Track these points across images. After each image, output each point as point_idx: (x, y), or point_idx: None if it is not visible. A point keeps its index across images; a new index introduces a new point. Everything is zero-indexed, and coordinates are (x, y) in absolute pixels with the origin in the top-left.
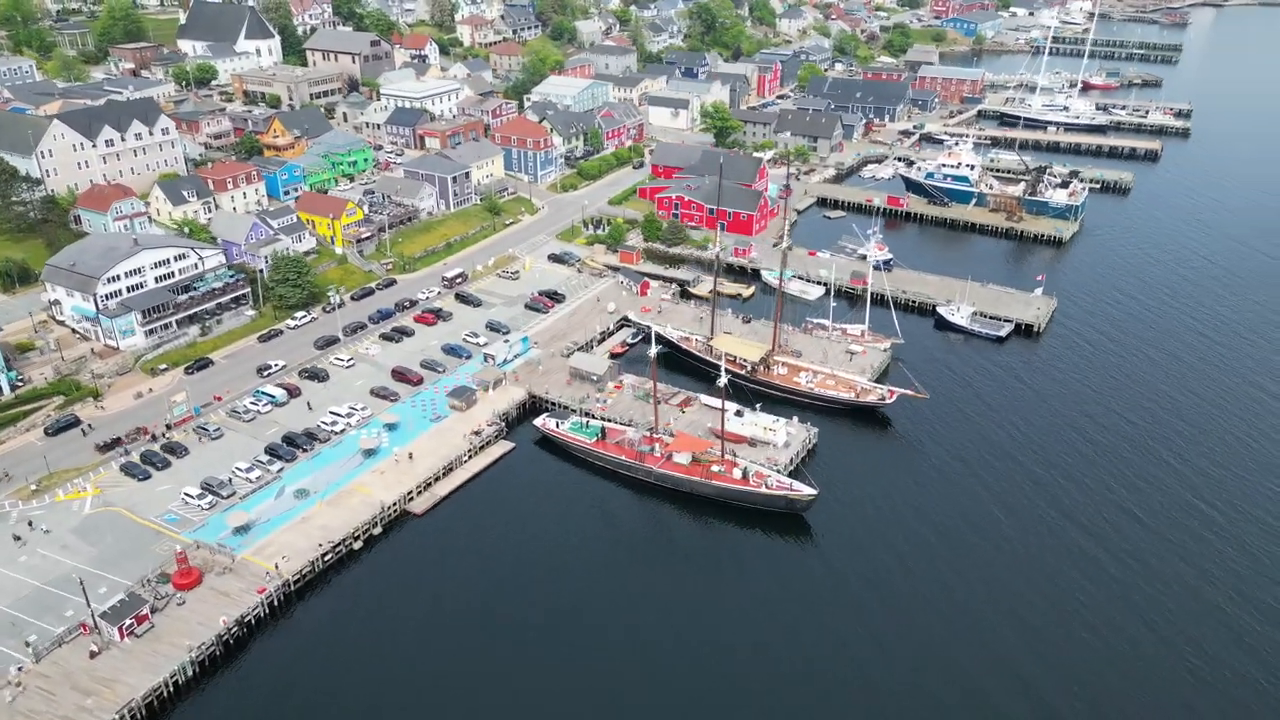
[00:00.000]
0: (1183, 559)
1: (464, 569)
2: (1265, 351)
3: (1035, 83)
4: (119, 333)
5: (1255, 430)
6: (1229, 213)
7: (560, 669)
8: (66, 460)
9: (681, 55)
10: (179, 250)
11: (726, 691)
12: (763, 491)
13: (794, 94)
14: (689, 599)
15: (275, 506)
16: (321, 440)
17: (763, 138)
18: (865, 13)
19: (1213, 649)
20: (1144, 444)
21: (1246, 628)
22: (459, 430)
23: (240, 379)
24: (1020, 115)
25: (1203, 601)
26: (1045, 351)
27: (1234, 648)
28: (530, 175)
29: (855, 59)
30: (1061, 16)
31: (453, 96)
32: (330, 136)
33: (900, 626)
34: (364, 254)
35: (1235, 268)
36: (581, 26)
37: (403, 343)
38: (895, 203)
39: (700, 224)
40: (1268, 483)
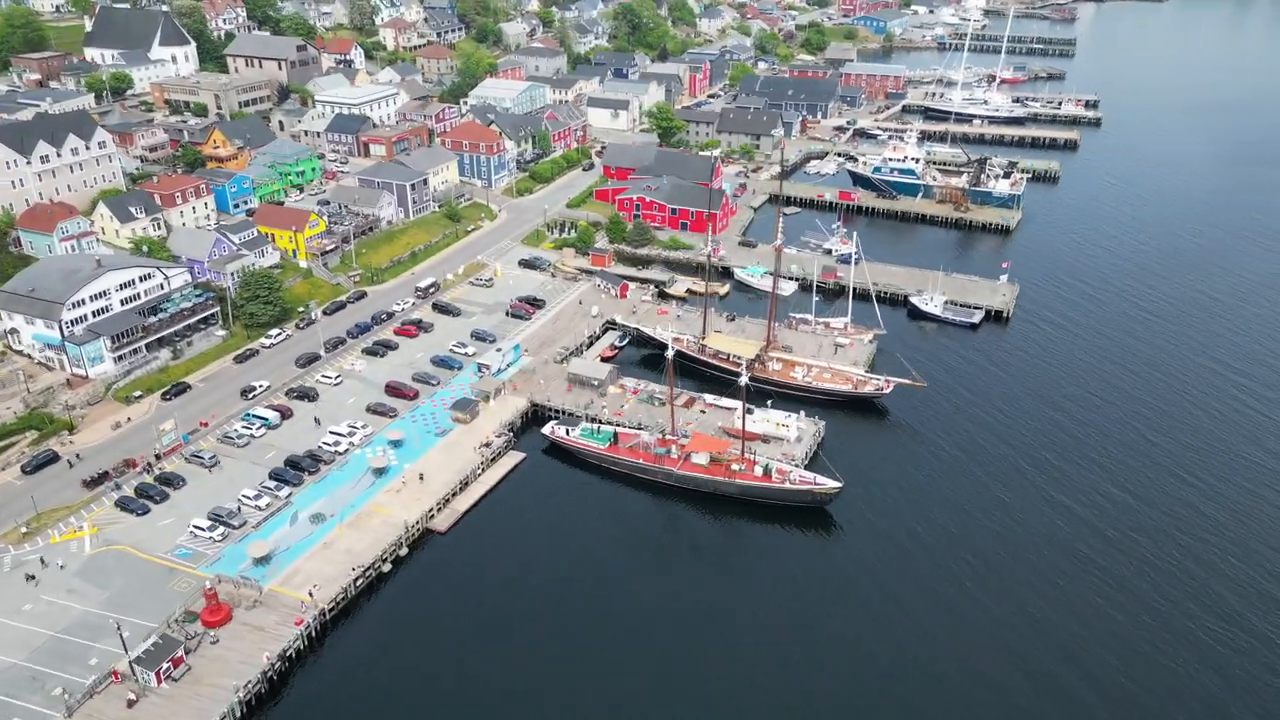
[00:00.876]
0: (1178, 528)
1: (498, 584)
2: (1209, 328)
3: (950, 78)
4: (88, 360)
5: (1216, 402)
6: (1150, 197)
7: (616, 676)
8: (52, 499)
9: (610, 56)
10: (144, 270)
11: (782, 684)
12: (788, 487)
13: (724, 93)
14: (726, 597)
15: (292, 533)
16: (326, 462)
17: (706, 137)
18: (778, 11)
19: (1217, 608)
20: (1120, 421)
21: (1247, 582)
22: (467, 443)
23: (223, 403)
24: (944, 110)
25: (1205, 565)
26: (1016, 336)
27: (1239, 603)
28: (484, 180)
29: (777, 57)
30: (960, 15)
31: (391, 102)
32: (275, 146)
33: (939, 611)
34: (329, 267)
35: (1166, 250)
36: (507, 29)
37: (387, 357)
38: (847, 197)
39: (663, 224)
40: (1241, 450)
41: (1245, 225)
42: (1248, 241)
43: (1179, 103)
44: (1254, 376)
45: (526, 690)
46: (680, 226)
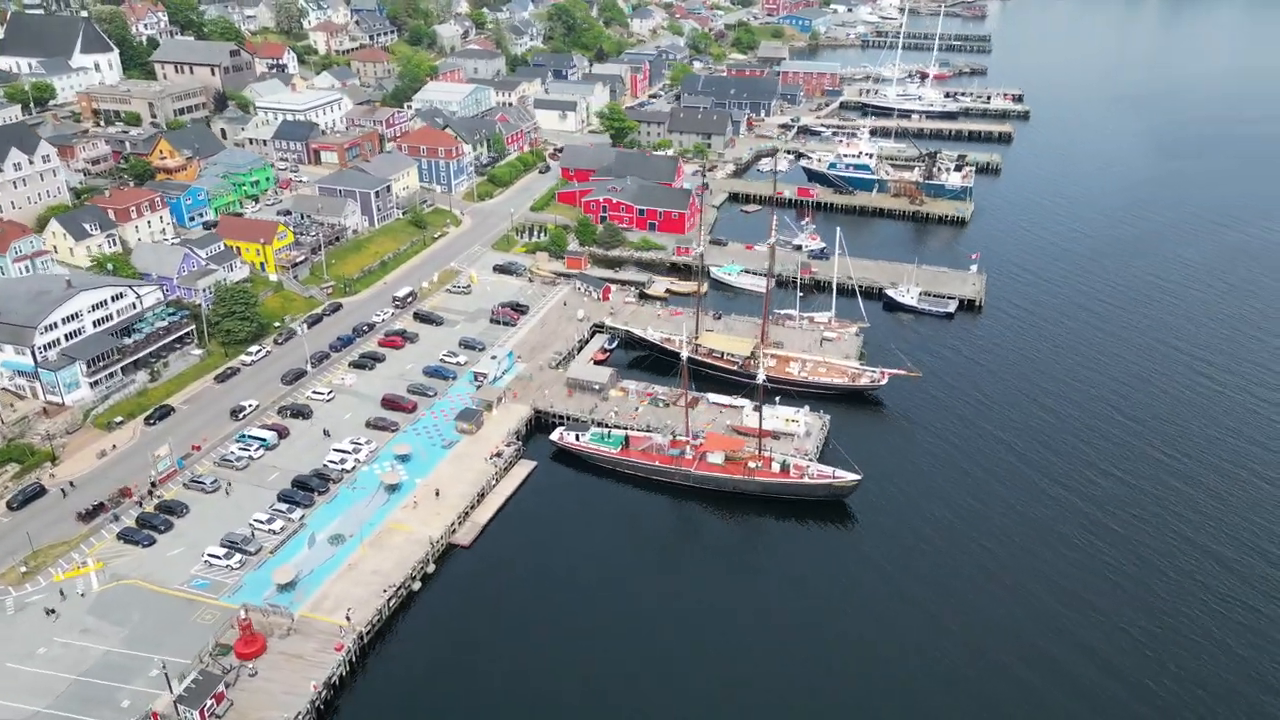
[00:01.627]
0: (1160, 506)
1: (529, 594)
2: (1159, 311)
3: (882, 74)
4: (64, 387)
5: (1178, 382)
6: (1087, 187)
7: (667, 676)
8: (46, 534)
9: (548, 57)
10: (116, 289)
11: (825, 675)
12: (807, 482)
13: (664, 93)
14: (758, 594)
15: (313, 556)
16: (334, 480)
17: (658, 137)
18: (705, 10)
19: (1208, 581)
20: (1095, 404)
21: (1227, 558)
22: (475, 454)
23: (212, 424)
24: (880, 106)
25: (1190, 542)
26: (989, 325)
27: (1223, 575)
28: (444, 185)
29: (711, 56)
30: (878, 14)
31: (336, 107)
32: (227, 155)
33: (962, 600)
34: (300, 279)
35: (1110, 238)
36: (441, 31)
37: (376, 369)
38: (806, 194)
39: (631, 225)
40: (1206, 427)
41: (1175, 212)
42: (1179, 228)
43: (1097, 95)
44: (1208, 358)
45: (575, 698)
46: (649, 227)
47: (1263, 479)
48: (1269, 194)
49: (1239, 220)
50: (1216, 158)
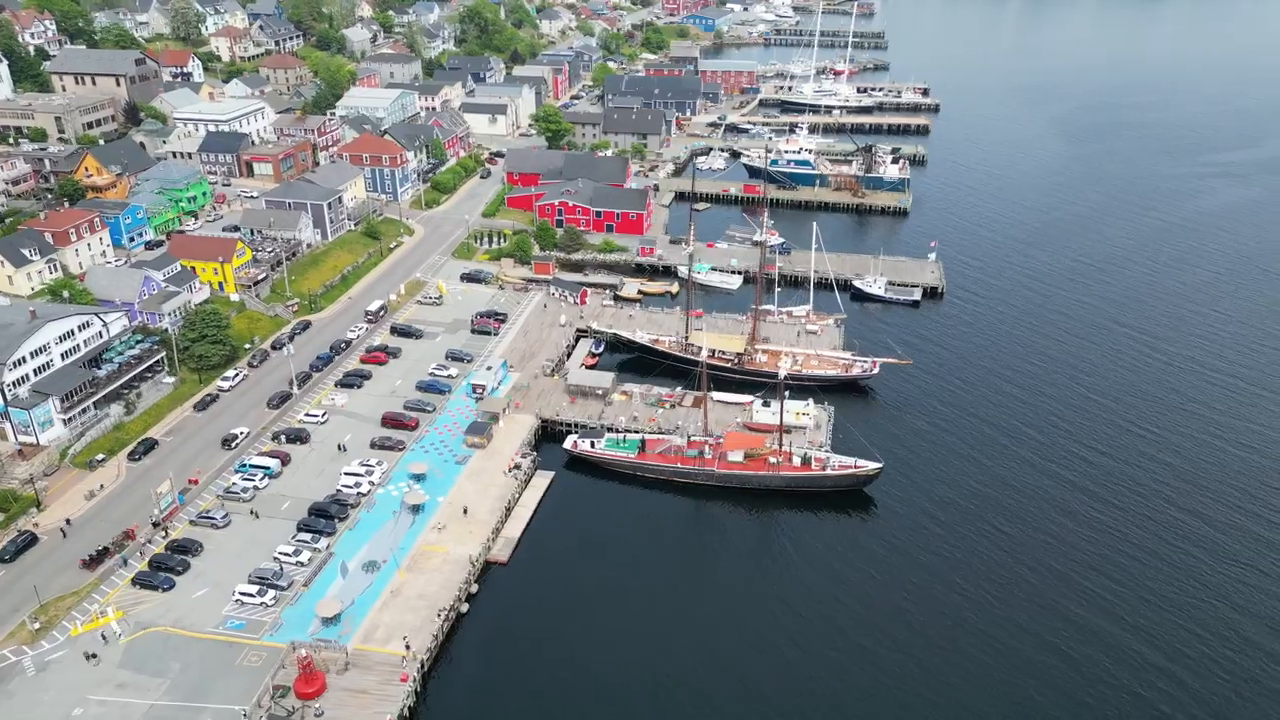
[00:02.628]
0: (1148, 478)
1: (577, 606)
2: (1102, 290)
3: (792, 71)
4: (37, 425)
5: (1129, 358)
6: (1009, 174)
7: (735, 673)
8: (50, 585)
9: (464, 60)
10: (82, 318)
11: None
12: (831, 473)
13: (585, 94)
14: (796, 586)
15: (350, 586)
16: (352, 505)
17: (594, 138)
18: (609, 11)
19: (1197, 540)
20: (1063, 382)
21: (1228, 521)
22: (492, 468)
23: (203, 456)
24: (799, 102)
25: (1176, 505)
26: (953, 311)
27: (1202, 528)
28: (390, 194)
29: (624, 56)
30: (775, 12)
31: (260, 116)
32: (159, 170)
33: (988, 576)
34: (262, 298)
35: (1042, 221)
36: (350, 35)
37: (365, 387)
38: (752, 190)
39: (588, 227)
40: (1166, 399)
41: (1093, 194)
42: (1100, 209)
43: (994, 87)
44: (1153, 331)
45: (643, 703)
46: (606, 229)
47: (1225, 440)
48: (1170, 174)
49: (1151, 201)
50: (1113, 141)
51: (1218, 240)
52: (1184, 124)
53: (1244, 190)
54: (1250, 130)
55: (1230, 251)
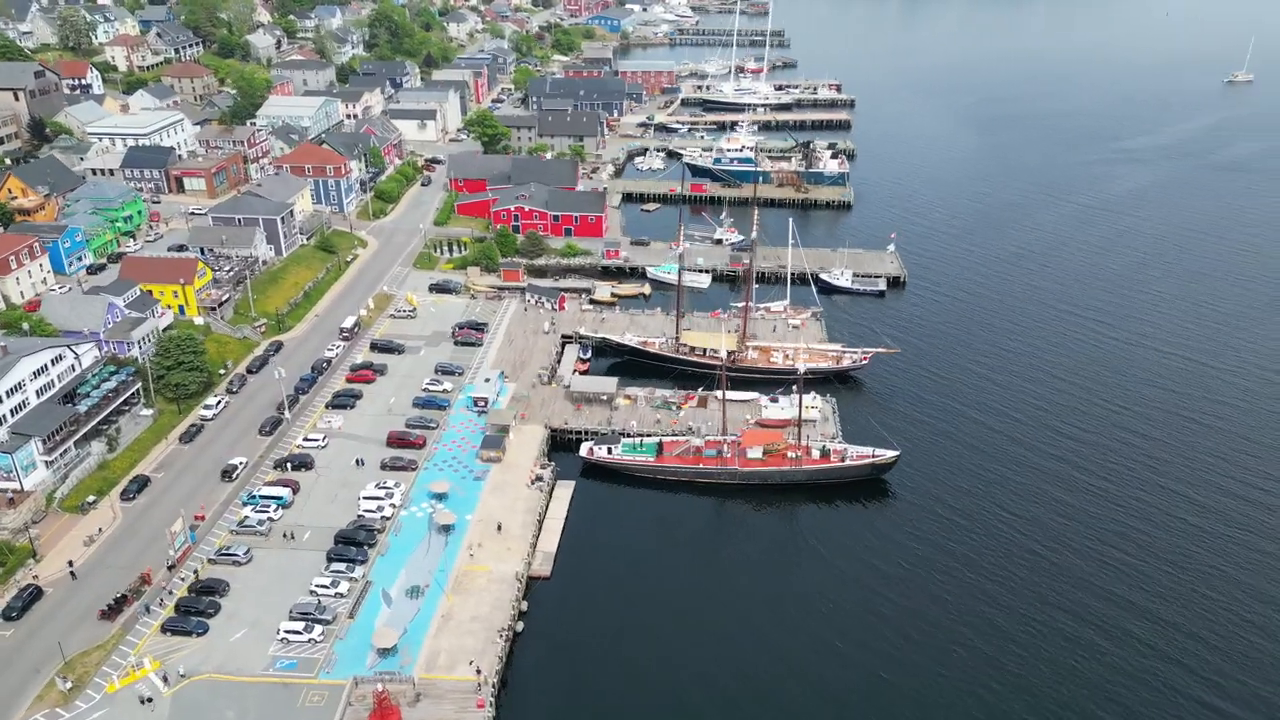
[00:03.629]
0: (1130, 456)
1: (629, 615)
2: (1048, 275)
3: (706, 70)
4: (20, 469)
5: (1087, 341)
6: (933, 164)
7: (801, 673)
8: (71, 641)
9: (378, 65)
10: (55, 351)
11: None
12: (852, 464)
13: (506, 96)
14: (837, 575)
15: (398, 613)
16: (379, 530)
17: (530, 141)
18: (511, 12)
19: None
20: (1027, 366)
21: (1210, 492)
22: (513, 482)
23: (203, 490)
24: (720, 100)
25: (1160, 472)
26: (916, 299)
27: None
28: (336, 206)
29: (537, 58)
30: (676, 13)
31: (180, 129)
32: (90, 189)
33: (1007, 557)
34: (226, 319)
35: (976, 210)
36: (255, 41)
37: (358, 407)
38: (698, 189)
39: (546, 231)
40: (1124, 378)
41: (1016, 183)
42: (1027, 197)
43: (897, 81)
44: (1101, 313)
45: (712, 707)
46: (565, 233)
47: (1185, 413)
48: (1079, 161)
49: (1069, 187)
50: (1022, 131)
51: (1136, 222)
52: (1080, 113)
53: (1148, 174)
54: (1141, 117)
55: (1149, 233)
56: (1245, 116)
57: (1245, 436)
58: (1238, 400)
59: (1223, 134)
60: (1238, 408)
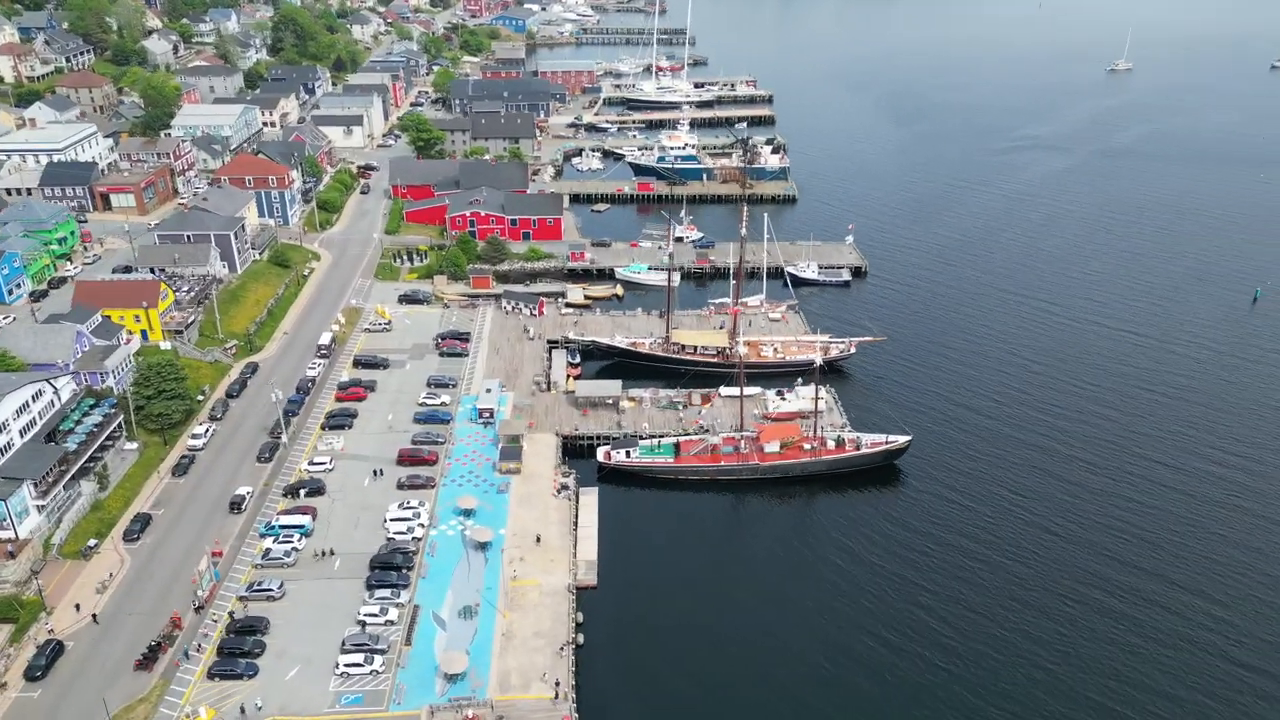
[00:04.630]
0: (1102, 435)
1: (692, 617)
2: (991, 260)
3: (620, 69)
4: (14, 516)
5: (1043, 323)
6: (863, 155)
7: (868, 664)
8: (112, 697)
9: (288, 70)
10: (34, 387)
11: None
12: (868, 451)
13: (424, 100)
14: (873, 565)
15: (455, 636)
16: (414, 552)
17: (465, 145)
18: (411, 13)
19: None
20: (994, 348)
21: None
22: (537, 492)
23: (212, 524)
24: (643, 99)
25: (1133, 440)
26: (879, 288)
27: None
28: (280, 218)
29: (448, 60)
30: (578, 12)
31: (94, 142)
32: (18, 211)
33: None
34: (193, 342)
35: (912, 198)
36: (152, 47)
37: (356, 426)
38: (645, 188)
39: (504, 236)
40: (1094, 360)
41: (943, 172)
42: (955, 185)
43: (809, 76)
44: (1046, 296)
45: (789, 703)
46: (523, 236)
47: (1143, 386)
48: (995, 149)
49: (990, 175)
50: (935, 122)
51: (1059, 207)
52: (983, 104)
53: (1058, 160)
54: (1039, 106)
55: (1075, 215)
56: (1131, 102)
57: (1202, 404)
58: (1187, 370)
59: (1116, 120)
60: (1188, 376)
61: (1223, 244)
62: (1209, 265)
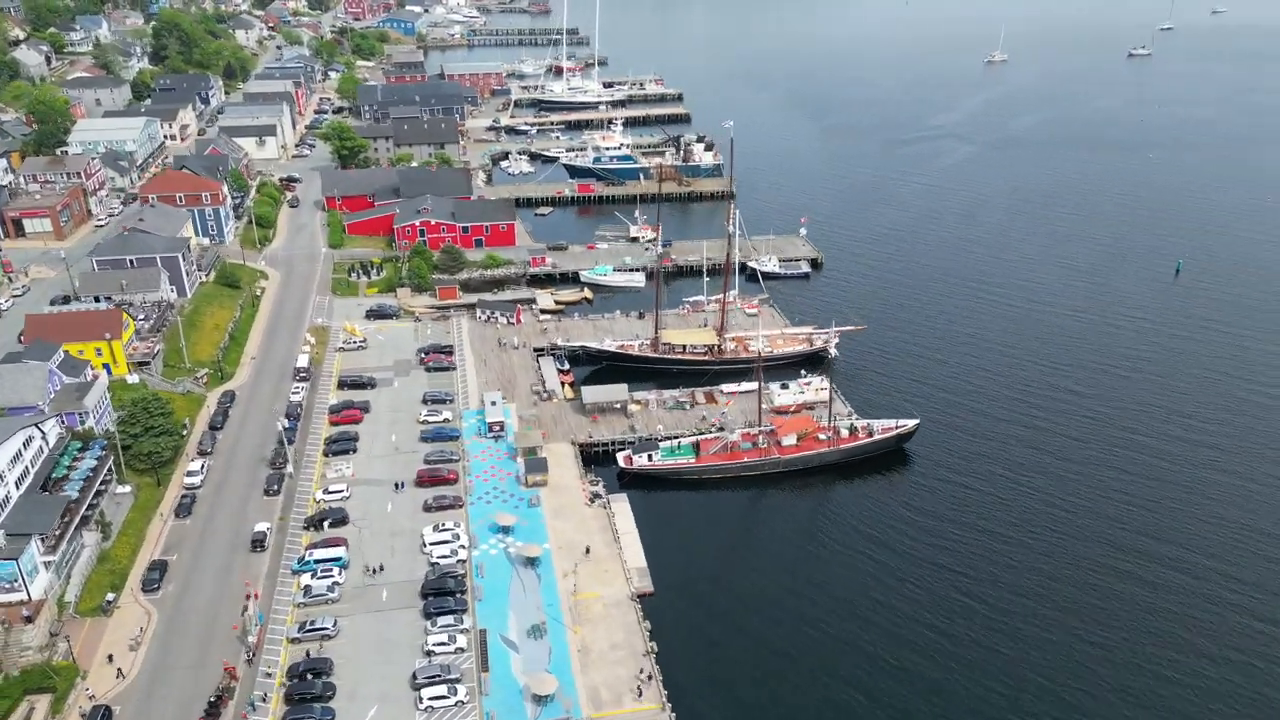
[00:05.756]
0: (1074, 413)
1: (761, 614)
2: (932, 246)
3: (522, 71)
4: (26, 576)
5: (996, 306)
6: (786, 149)
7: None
8: None
9: (178, 79)
10: (25, 433)
11: None
12: (881, 437)
13: (327, 106)
14: (908, 549)
15: (531, 657)
16: (463, 575)
17: (388, 152)
18: (290, 16)
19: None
20: (959, 329)
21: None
22: (570, 504)
23: (236, 565)
24: (555, 100)
25: (1111, 423)
26: (837, 277)
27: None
28: (216, 236)
29: (344, 65)
30: (455, 13)
31: None
32: None
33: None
34: (159, 374)
35: (844, 190)
36: (23, 59)
37: (361, 451)
38: (586, 189)
39: (457, 244)
40: (1054, 344)
41: (866, 163)
42: (880, 176)
43: (714, 73)
44: (993, 279)
45: (872, 691)
46: (476, 244)
47: (1099, 368)
48: (904, 140)
49: (908, 167)
50: (848, 115)
51: (977, 194)
52: (884, 98)
53: (965, 149)
54: (933, 99)
55: (994, 203)
56: (1013, 91)
57: (1154, 373)
58: (1131, 343)
59: (1005, 109)
60: (1134, 346)
61: (1133, 223)
62: (1127, 243)
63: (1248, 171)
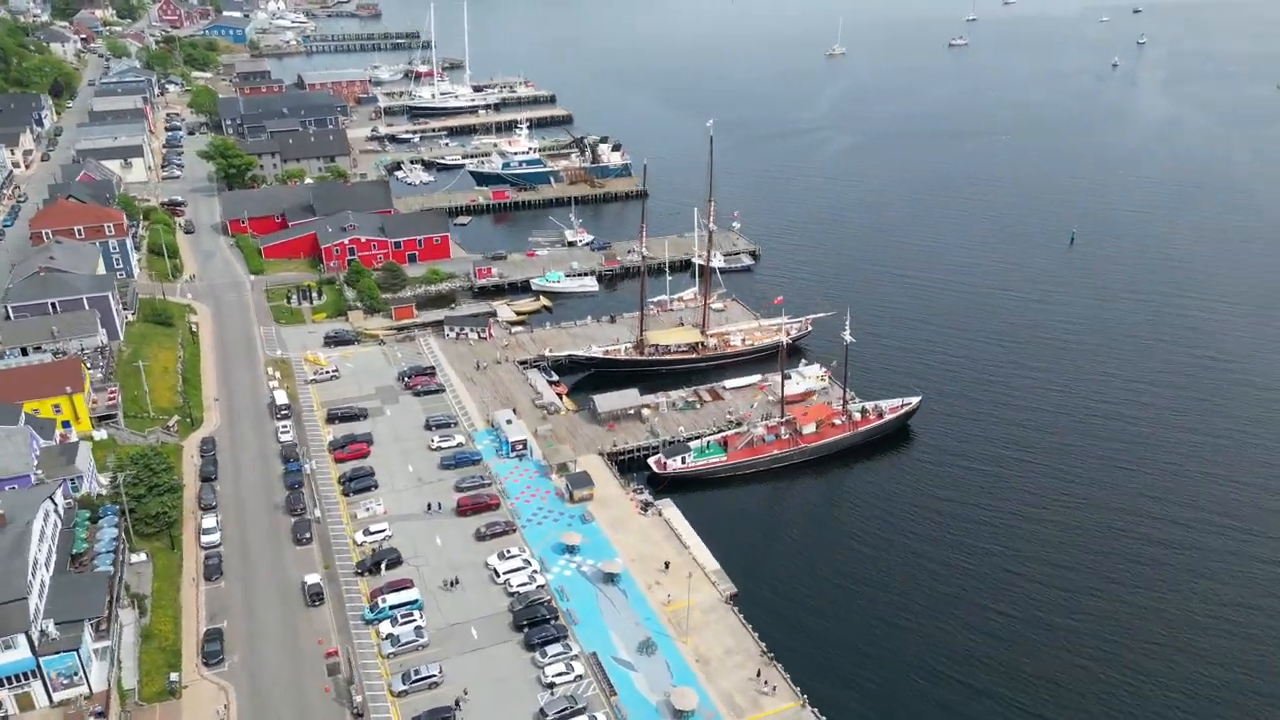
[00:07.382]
0: (1034, 374)
1: (855, 598)
2: (874, 237)
3: (378, 77)
4: (83, 665)
5: (946, 283)
6: (681, 144)
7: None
8: None
9: (5, 100)
10: (46, 505)
11: None
12: (891, 417)
13: (179, 122)
14: (944, 532)
15: (652, 675)
16: (549, 600)
17: (276, 168)
18: (102, 28)
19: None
20: (912, 314)
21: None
22: (623, 516)
23: (298, 626)
24: (425, 106)
25: (1082, 401)
26: (776, 266)
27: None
28: (124, 270)
29: (181, 78)
30: (280, 17)
31: None
32: None
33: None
34: (124, 426)
35: (758, 179)
36: None
37: (377, 489)
38: (501, 196)
39: (389, 259)
40: (998, 320)
41: (759, 156)
42: (777, 166)
43: (583, 75)
44: (920, 268)
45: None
46: (409, 259)
47: (1051, 345)
48: (787, 133)
49: (798, 157)
50: (728, 110)
51: (868, 184)
52: (750, 93)
53: (842, 140)
54: (793, 92)
55: (891, 192)
56: (860, 83)
57: (1076, 339)
58: (1050, 314)
59: (860, 100)
60: (1050, 317)
61: (1016, 201)
62: (1019, 220)
63: (1096, 150)
